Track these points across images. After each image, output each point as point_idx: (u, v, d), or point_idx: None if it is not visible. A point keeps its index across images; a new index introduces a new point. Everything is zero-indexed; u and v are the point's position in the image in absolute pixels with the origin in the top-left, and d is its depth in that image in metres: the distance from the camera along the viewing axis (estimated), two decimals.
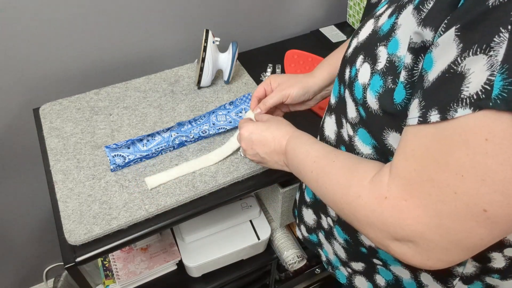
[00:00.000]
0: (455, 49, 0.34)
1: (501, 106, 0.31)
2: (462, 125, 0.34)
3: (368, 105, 0.48)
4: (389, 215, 0.41)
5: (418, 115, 0.38)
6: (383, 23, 0.47)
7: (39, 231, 1.35)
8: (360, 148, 0.54)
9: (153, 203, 0.78)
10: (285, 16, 1.28)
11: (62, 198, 0.78)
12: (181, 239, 1.06)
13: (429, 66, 0.37)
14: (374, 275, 0.65)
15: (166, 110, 0.96)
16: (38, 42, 0.95)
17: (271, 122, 0.66)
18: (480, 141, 0.33)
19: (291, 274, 1.31)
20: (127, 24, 1.03)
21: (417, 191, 0.38)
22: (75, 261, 0.73)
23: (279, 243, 1.14)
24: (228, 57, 0.98)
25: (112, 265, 1.05)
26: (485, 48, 0.32)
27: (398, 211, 0.40)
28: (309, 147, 0.57)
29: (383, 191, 0.42)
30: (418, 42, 0.40)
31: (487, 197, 0.34)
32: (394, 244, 0.42)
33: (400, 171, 0.40)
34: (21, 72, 0.98)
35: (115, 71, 1.10)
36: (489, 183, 0.33)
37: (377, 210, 0.42)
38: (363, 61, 0.49)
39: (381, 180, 0.43)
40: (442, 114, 0.35)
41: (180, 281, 1.10)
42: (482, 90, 0.32)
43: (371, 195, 0.43)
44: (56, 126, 0.92)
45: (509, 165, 0.32)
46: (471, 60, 0.33)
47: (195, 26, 1.13)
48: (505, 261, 0.49)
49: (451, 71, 0.34)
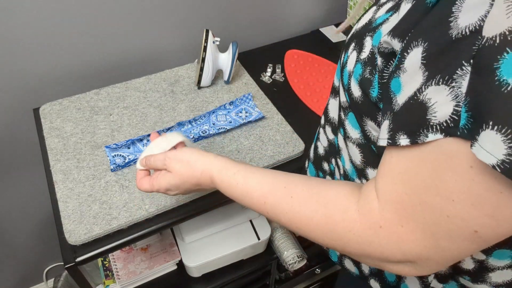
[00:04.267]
0: (421, 76, 0.35)
1: (467, 136, 0.31)
2: (442, 149, 0.34)
3: (352, 91, 0.49)
4: (387, 243, 0.40)
5: (387, 137, 0.38)
6: (379, 16, 0.47)
7: (39, 231, 1.35)
8: (350, 132, 0.54)
9: (153, 203, 0.78)
10: (285, 16, 1.28)
11: (62, 198, 0.78)
12: (181, 239, 1.06)
13: (397, 90, 0.38)
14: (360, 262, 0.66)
15: (166, 110, 0.96)
16: (38, 42, 0.95)
17: (175, 166, 0.58)
18: (465, 168, 0.33)
19: (291, 274, 1.31)
20: (127, 24, 1.03)
21: (412, 215, 0.38)
22: (75, 261, 0.73)
23: (279, 243, 1.14)
24: (228, 57, 0.98)
25: (112, 265, 1.05)
26: (447, 80, 0.32)
27: (397, 238, 0.39)
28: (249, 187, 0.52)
29: (376, 219, 0.41)
30: (388, 48, 0.40)
31: (478, 220, 0.34)
32: (392, 265, 0.42)
33: (390, 195, 0.40)
34: (21, 72, 0.98)
35: (115, 71, 1.10)
36: (478, 208, 0.34)
37: (375, 241, 0.41)
38: (353, 49, 0.49)
39: (370, 208, 0.41)
40: (411, 138, 0.36)
41: (180, 281, 1.10)
42: (450, 119, 0.32)
43: (363, 227, 0.42)
44: (56, 126, 0.92)
45: (498, 192, 0.32)
46: (434, 90, 0.33)
47: (195, 26, 1.13)
48: (473, 263, 0.49)
49: (415, 98, 0.35)
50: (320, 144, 0.69)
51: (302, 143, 0.90)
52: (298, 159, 0.90)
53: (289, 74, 1.13)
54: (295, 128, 0.94)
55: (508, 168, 0.28)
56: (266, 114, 0.96)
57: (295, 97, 1.07)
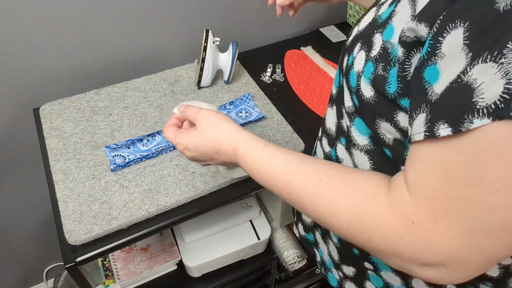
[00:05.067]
0: (463, 58, 0.32)
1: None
2: (486, 136, 0.32)
3: (362, 93, 0.46)
4: (420, 242, 0.37)
5: (424, 130, 0.35)
6: (383, 12, 0.46)
7: (39, 231, 1.35)
8: (357, 139, 0.52)
9: (153, 203, 0.78)
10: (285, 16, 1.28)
11: (62, 198, 0.78)
12: (181, 239, 1.06)
13: (434, 78, 0.35)
14: (364, 282, 0.64)
15: (166, 110, 0.96)
16: (38, 42, 0.95)
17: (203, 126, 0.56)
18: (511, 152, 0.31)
19: (291, 274, 1.31)
20: (127, 24, 1.03)
21: (447, 211, 0.35)
22: (75, 261, 0.73)
23: (279, 243, 1.14)
24: (228, 57, 0.98)
25: (112, 265, 1.05)
26: (496, 55, 0.30)
27: (430, 236, 0.36)
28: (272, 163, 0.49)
29: (408, 214, 0.37)
30: (411, 37, 0.38)
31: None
32: (421, 269, 0.39)
33: (422, 189, 0.37)
34: (21, 72, 0.98)
35: (115, 71, 1.10)
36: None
37: (405, 238, 0.38)
38: (359, 49, 0.47)
39: (401, 202, 0.38)
40: (454, 127, 0.33)
41: (180, 281, 1.10)
42: (500, 100, 0.30)
43: (394, 222, 0.39)
44: (56, 126, 0.92)
45: None
46: (480, 69, 0.31)
47: (195, 26, 1.13)
48: (499, 270, 0.48)
49: (458, 80, 0.32)
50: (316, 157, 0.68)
51: (302, 143, 0.90)
52: None
53: (289, 74, 1.13)
54: (295, 128, 0.94)
55: None
56: (266, 114, 0.96)
57: (295, 97, 1.07)
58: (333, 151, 0.60)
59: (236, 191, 0.83)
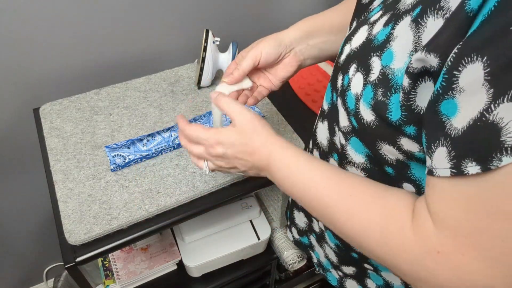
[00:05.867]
0: (485, 94, 0.32)
1: None
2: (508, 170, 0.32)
3: (361, 116, 0.46)
4: (445, 270, 0.38)
5: (450, 166, 0.35)
6: (378, 32, 0.45)
7: (39, 231, 1.35)
8: (353, 157, 0.52)
9: (153, 203, 0.78)
10: (285, 16, 1.28)
11: (62, 198, 0.78)
12: (181, 239, 1.06)
13: (452, 113, 0.35)
14: (365, 279, 0.64)
15: (166, 110, 0.96)
16: (38, 42, 0.95)
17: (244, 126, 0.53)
18: None
19: (291, 274, 1.31)
20: (127, 24, 1.03)
21: (474, 244, 0.36)
22: (75, 261, 0.73)
23: (279, 243, 1.14)
24: (228, 57, 0.98)
25: (112, 265, 1.05)
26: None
27: (456, 266, 0.37)
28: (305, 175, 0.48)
29: (434, 244, 0.38)
30: (418, 68, 0.38)
31: None
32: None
33: (448, 221, 0.37)
34: (21, 72, 0.98)
35: (115, 71, 1.10)
36: None
37: (430, 267, 0.38)
38: (356, 71, 0.46)
39: (426, 230, 0.39)
40: (483, 165, 0.33)
41: (180, 281, 1.10)
42: None
43: (419, 250, 0.39)
44: (56, 126, 0.92)
45: None
46: (506, 107, 0.30)
47: (195, 26, 1.13)
48: None
49: (483, 119, 0.32)
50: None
51: (302, 143, 0.90)
52: None
53: None
54: (295, 128, 0.94)
55: None
56: (266, 114, 0.96)
57: (295, 97, 1.07)
58: None
59: (236, 191, 0.83)
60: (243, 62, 0.63)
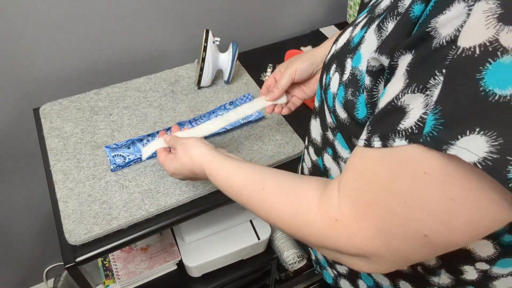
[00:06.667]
0: (402, 83, 0.35)
1: (430, 144, 0.32)
2: (402, 155, 0.35)
3: (337, 113, 0.49)
4: (341, 238, 0.41)
5: (365, 138, 0.39)
6: (355, 34, 0.48)
7: (39, 231, 1.35)
8: (341, 152, 0.54)
9: (153, 203, 0.78)
10: (285, 16, 1.28)
11: (62, 198, 0.78)
12: (181, 239, 1.06)
13: (382, 94, 0.39)
14: (357, 280, 0.66)
15: (166, 110, 0.96)
16: (38, 42, 0.95)
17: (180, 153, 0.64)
18: (420, 173, 0.34)
19: (291, 274, 1.31)
20: (127, 24, 1.03)
21: (367, 213, 0.39)
22: (75, 261, 0.73)
23: (279, 243, 1.14)
24: (228, 57, 0.98)
25: (112, 265, 1.05)
26: (422, 88, 0.33)
27: (351, 233, 0.41)
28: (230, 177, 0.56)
29: (334, 212, 0.42)
30: (376, 66, 0.40)
31: (430, 226, 0.35)
32: (348, 258, 0.43)
33: (349, 191, 0.41)
34: (21, 72, 0.98)
35: (115, 71, 1.10)
36: (431, 213, 0.35)
37: (329, 234, 0.42)
38: (335, 71, 0.49)
39: (330, 201, 0.43)
40: (383, 141, 0.37)
41: (180, 281, 1.10)
42: (415, 126, 0.33)
43: (320, 219, 0.43)
44: (56, 126, 0.92)
45: (448, 199, 0.33)
46: (410, 97, 0.34)
47: (195, 26, 1.13)
48: (477, 273, 0.50)
49: (392, 103, 0.36)
50: (305, 165, 0.69)
51: (302, 143, 0.90)
52: (298, 159, 0.90)
53: None
54: (295, 128, 0.94)
55: (489, 165, 0.29)
56: (266, 114, 0.96)
57: None
58: (320, 160, 0.61)
59: None
60: (282, 81, 0.73)
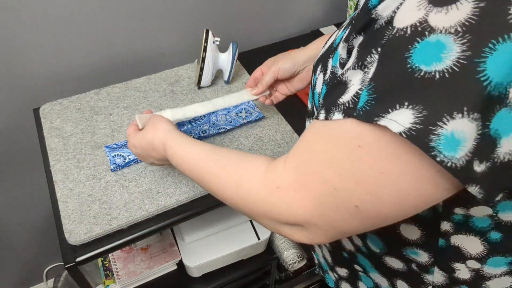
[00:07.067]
0: (351, 62, 0.38)
1: (362, 117, 0.34)
2: (339, 128, 0.37)
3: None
4: (280, 204, 0.43)
5: (316, 112, 0.41)
6: (338, 35, 0.49)
7: (39, 231, 1.35)
8: None
9: (153, 203, 0.78)
10: (285, 16, 1.28)
11: (62, 198, 0.78)
12: (181, 239, 1.06)
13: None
14: (357, 282, 0.67)
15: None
16: (38, 42, 0.95)
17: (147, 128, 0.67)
18: (354, 146, 0.36)
19: (291, 274, 1.31)
20: (127, 24, 1.03)
21: (305, 183, 0.41)
22: (75, 261, 0.73)
23: (279, 243, 1.14)
24: (228, 57, 0.98)
25: (112, 265, 1.05)
26: (361, 65, 0.36)
27: (289, 201, 0.42)
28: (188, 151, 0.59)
29: (277, 180, 0.44)
30: (345, 58, 0.43)
31: (360, 196, 0.37)
32: (287, 228, 0.45)
33: (293, 160, 0.43)
34: (21, 72, 0.98)
35: (115, 71, 1.10)
36: (361, 185, 0.37)
37: (269, 200, 0.44)
38: (320, 71, 0.51)
39: (275, 169, 0.45)
40: (326, 114, 0.39)
41: (180, 281, 1.10)
42: (352, 101, 0.36)
43: (263, 186, 0.45)
44: (56, 126, 0.92)
45: (378, 172, 0.35)
46: (352, 73, 0.37)
47: (195, 26, 1.13)
48: (469, 273, 0.50)
49: (339, 78, 0.39)
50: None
51: None
52: None
53: None
54: (295, 128, 0.94)
55: (413, 135, 0.31)
56: (266, 114, 0.96)
57: (295, 97, 1.07)
58: None
59: None
60: (265, 77, 0.80)
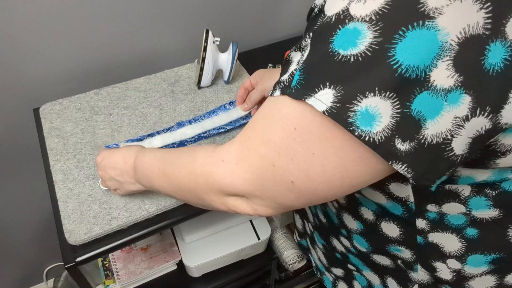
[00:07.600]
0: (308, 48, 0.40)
1: (293, 94, 0.37)
2: (275, 105, 0.40)
3: None
4: (224, 175, 0.46)
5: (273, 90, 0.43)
6: None
7: (39, 231, 1.35)
8: None
9: (153, 203, 0.78)
10: (285, 16, 1.28)
11: (62, 198, 0.78)
12: (181, 239, 1.06)
13: None
14: (352, 281, 0.68)
15: (166, 110, 0.96)
16: (38, 42, 0.95)
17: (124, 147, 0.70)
18: (291, 128, 0.38)
19: (291, 274, 1.31)
20: (127, 24, 1.03)
21: (247, 157, 0.44)
22: (75, 261, 0.73)
23: (279, 243, 1.14)
24: (228, 57, 0.98)
25: (112, 265, 1.05)
26: (300, 48, 0.41)
27: (231, 173, 0.45)
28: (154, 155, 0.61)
29: (223, 153, 0.47)
30: None
31: (294, 173, 0.40)
32: (230, 199, 0.48)
33: (241, 135, 0.45)
34: (21, 72, 0.98)
35: (115, 71, 1.10)
36: (296, 163, 0.39)
37: (215, 172, 0.47)
38: None
39: (223, 146, 0.48)
40: (272, 91, 0.42)
41: (180, 281, 1.10)
42: (288, 79, 0.39)
43: (211, 162, 0.48)
44: (56, 126, 0.92)
45: (310, 152, 0.38)
46: (295, 54, 0.42)
47: (195, 26, 1.13)
48: (451, 273, 0.50)
49: (288, 58, 0.43)
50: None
51: None
52: None
53: None
54: None
55: (333, 113, 0.34)
56: None
57: None
58: None
59: None
60: (253, 95, 0.82)
